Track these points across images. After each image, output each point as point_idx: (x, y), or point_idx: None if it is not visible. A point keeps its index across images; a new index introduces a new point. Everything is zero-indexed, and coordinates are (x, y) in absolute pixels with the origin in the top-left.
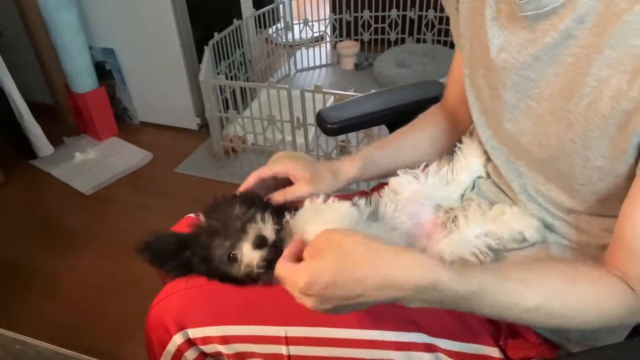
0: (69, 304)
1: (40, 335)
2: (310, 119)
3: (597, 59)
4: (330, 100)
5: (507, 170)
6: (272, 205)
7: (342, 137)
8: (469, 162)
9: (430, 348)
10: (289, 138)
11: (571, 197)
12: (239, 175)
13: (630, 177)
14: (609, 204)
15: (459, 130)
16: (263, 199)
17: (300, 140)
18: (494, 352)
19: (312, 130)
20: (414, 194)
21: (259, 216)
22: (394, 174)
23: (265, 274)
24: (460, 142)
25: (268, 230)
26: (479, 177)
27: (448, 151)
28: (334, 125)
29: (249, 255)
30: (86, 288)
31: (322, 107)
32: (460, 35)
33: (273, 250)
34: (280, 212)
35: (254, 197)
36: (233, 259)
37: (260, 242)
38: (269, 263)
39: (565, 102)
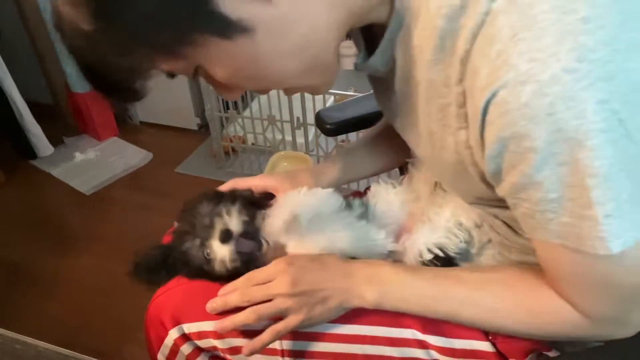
0: (69, 304)
1: (40, 335)
2: (310, 119)
3: (429, 113)
4: (331, 100)
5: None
6: (244, 197)
7: (342, 137)
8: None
9: (421, 344)
10: (289, 138)
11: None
12: (239, 175)
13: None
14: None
15: None
16: (234, 193)
17: (300, 140)
18: (486, 346)
19: (312, 130)
20: (391, 202)
21: (224, 210)
22: (380, 171)
23: (245, 266)
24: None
25: (233, 223)
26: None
27: None
28: (333, 126)
29: (219, 251)
30: (86, 288)
31: (322, 107)
32: None
33: (246, 241)
34: (255, 204)
35: (221, 193)
36: (209, 258)
37: (225, 236)
38: (246, 255)
39: (428, 149)
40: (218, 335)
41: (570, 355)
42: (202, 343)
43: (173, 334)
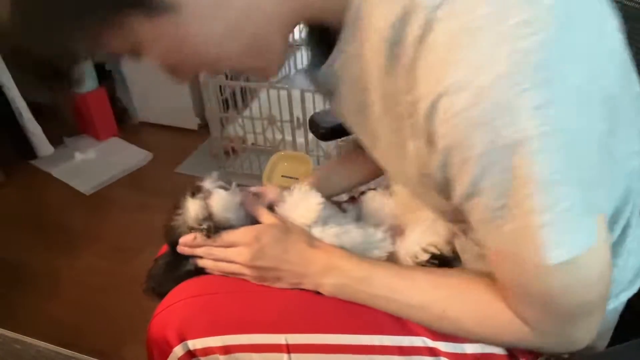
0: (69, 304)
1: (40, 335)
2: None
3: (388, 124)
4: None
5: None
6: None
7: None
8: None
9: (432, 352)
10: (289, 138)
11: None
12: (239, 175)
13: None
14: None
15: None
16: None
17: (300, 140)
18: (497, 349)
19: None
20: (383, 205)
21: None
22: (358, 184)
23: (220, 222)
24: None
25: (206, 182)
26: None
27: None
28: (327, 130)
29: (191, 207)
30: (86, 288)
31: (322, 107)
32: None
33: (211, 199)
34: None
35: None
36: (191, 227)
37: (195, 189)
38: (212, 218)
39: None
40: (224, 350)
41: (583, 357)
42: (208, 359)
43: (178, 351)
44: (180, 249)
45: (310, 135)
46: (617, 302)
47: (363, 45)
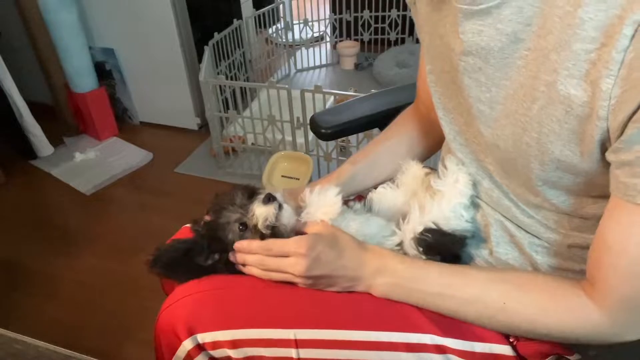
0: (69, 304)
1: (40, 335)
2: (309, 119)
3: (544, 63)
4: (331, 101)
5: (476, 168)
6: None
7: None
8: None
9: (440, 349)
10: (289, 138)
11: (535, 195)
12: (239, 175)
13: (591, 177)
14: (573, 203)
15: (434, 132)
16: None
17: (300, 140)
18: (506, 349)
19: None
20: (392, 200)
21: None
22: (376, 184)
23: (278, 232)
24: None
25: (276, 194)
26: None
27: (426, 155)
28: (328, 130)
29: (261, 210)
30: (86, 288)
31: (322, 107)
32: (420, 29)
33: (287, 210)
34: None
35: (248, 186)
36: (244, 228)
37: (269, 197)
38: (283, 226)
39: (519, 106)
40: (233, 344)
41: (592, 357)
42: (217, 353)
43: (187, 345)
44: (236, 247)
45: (310, 135)
46: None
47: None
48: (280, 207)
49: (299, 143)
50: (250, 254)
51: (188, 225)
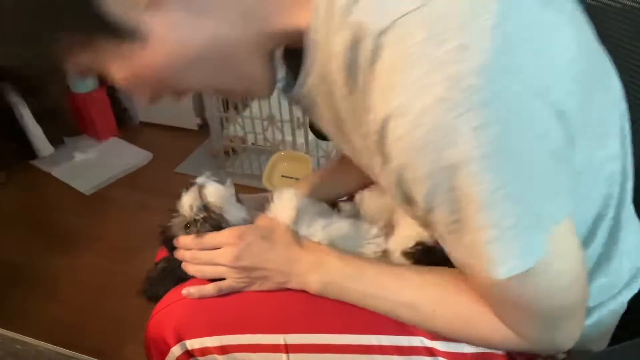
0: (69, 304)
1: (40, 335)
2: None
3: (357, 141)
4: None
5: None
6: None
7: None
8: None
9: (430, 352)
10: (289, 138)
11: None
12: (239, 175)
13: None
14: None
15: None
16: None
17: (300, 140)
18: (497, 350)
19: None
20: (379, 203)
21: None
22: (355, 191)
23: (215, 214)
24: None
25: (200, 179)
26: None
27: None
28: None
29: (184, 199)
30: (86, 288)
31: None
32: None
33: (204, 189)
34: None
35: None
36: (188, 226)
37: (188, 185)
38: (207, 209)
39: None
40: (222, 350)
41: (579, 356)
42: (206, 359)
43: (176, 351)
44: (177, 244)
45: (310, 135)
46: (615, 303)
47: (325, 67)
48: (202, 186)
49: (299, 143)
50: (186, 250)
51: None
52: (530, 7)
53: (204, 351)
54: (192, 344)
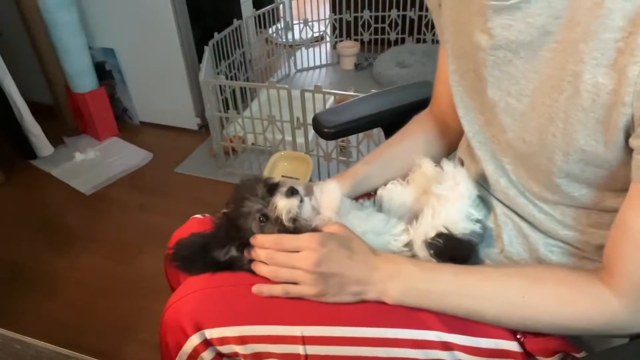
0: (69, 304)
1: (40, 335)
2: (310, 119)
3: (572, 54)
4: (331, 101)
5: (494, 167)
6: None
7: None
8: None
9: (446, 346)
10: (289, 138)
11: (553, 192)
12: (239, 176)
13: (614, 169)
14: (594, 197)
15: (449, 135)
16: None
17: (300, 140)
18: (513, 346)
19: (312, 130)
20: (402, 198)
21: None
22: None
23: (299, 226)
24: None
25: (298, 188)
26: None
27: (441, 155)
28: (331, 130)
29: (284, 203)
30: (86, 288)
31: (322, 107)
32: (443, 30)
33: (308, 205)
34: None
35: (268, 179)
36: (264, 220)
37: (292, 191)
38: (304, 220)
39: (546, 97)
40: (241, 340)
41: (598, 355)
42: (224, 349)
43: (194, 340)
44: (252, 241)
45: (310, 136)
46: None
47: None
48: (302, 200)
49: (299, 143)
50: (262, 249)
51: (197, 216)
52: None
53: (223, 341)
54: (212, 333)
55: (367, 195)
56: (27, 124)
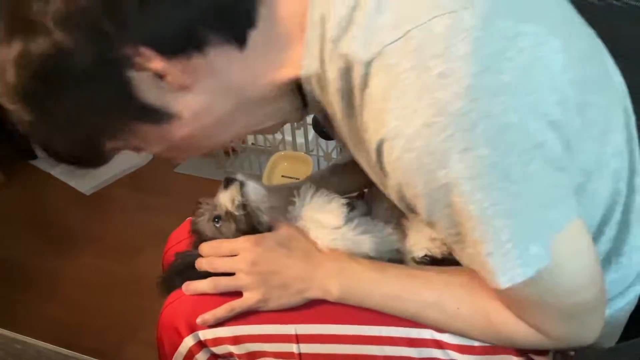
0: (69, 304)
1: (40, 335)
2: (311, 118)
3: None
4: None
5: None
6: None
7: None
8: None
9: (439, 344)
10: (289, 138)
11: None
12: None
13: None
14: None
15: None
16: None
17: (300, 140)
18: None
19: (312, 130)
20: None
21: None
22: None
23: (252, 210)
24: None
25: (238, 176)
26: None
27: None
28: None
29: (224, 195)
30: (86, 288)
31: None
32: None
33: (253, 186)
34: None
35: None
36: (218, 221)
37: (228, 180)
38: (245, 207)
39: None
40: (234, 340)
41: (589, 352)
42: (218, 349)
43: (188, 341)
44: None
45: (310, 136)
46: (626, 299)
47: (327, 94)
48: (242, 184)
49: (299, 143)
50: (203, 258)
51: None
52: (506, 25)
53: (217, 342)
54: (205, 334)
55: (359, 196)
56: None
